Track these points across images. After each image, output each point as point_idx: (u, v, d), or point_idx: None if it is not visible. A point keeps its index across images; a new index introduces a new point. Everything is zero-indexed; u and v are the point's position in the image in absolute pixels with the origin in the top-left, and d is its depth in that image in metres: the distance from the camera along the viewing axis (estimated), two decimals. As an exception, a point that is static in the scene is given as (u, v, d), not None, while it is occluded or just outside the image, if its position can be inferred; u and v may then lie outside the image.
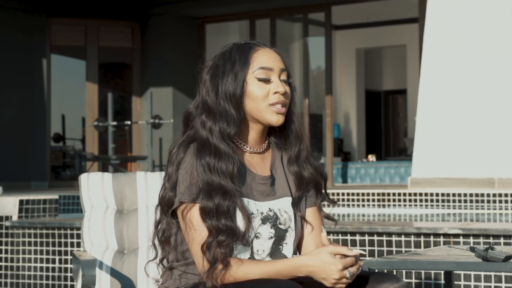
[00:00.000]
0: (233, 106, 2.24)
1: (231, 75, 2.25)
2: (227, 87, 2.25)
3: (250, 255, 2.25)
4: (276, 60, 2.29)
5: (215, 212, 2.16)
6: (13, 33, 11.11)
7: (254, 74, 2.26)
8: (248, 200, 2.26)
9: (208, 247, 2.15)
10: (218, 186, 2.17)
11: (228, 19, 12.52)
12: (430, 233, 4.01)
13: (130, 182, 2.87)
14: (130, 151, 12.46)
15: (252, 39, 2.35)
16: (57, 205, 5.34)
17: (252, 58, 2.26)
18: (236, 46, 2.31)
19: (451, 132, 7.36)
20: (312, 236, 2.35)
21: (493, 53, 7.34)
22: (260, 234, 2.26)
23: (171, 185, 2.23)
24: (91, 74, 12.09)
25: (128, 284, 2.76)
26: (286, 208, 2.31)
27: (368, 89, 17.05)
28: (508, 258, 2.41)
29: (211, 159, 2.19)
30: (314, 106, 13.01)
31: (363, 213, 6.84)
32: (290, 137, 2.34)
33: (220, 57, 2.29)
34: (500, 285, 3.84)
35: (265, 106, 2.26)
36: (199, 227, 2.18)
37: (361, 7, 13.30)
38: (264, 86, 2.26)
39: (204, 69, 2.32)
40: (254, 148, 2.33)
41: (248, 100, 2.26)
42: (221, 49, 2.34)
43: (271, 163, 2.35)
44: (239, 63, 2.26)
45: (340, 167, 13.23)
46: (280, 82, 2.28)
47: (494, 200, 6.40)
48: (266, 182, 2.31)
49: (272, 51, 2.30)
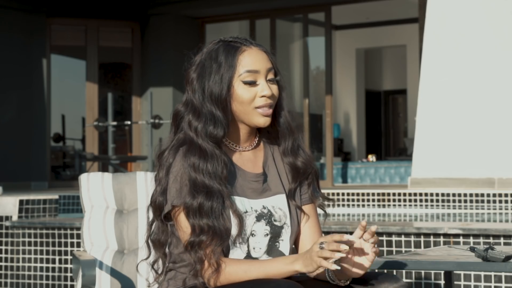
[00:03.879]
0: (219, 109, 2.23)
1: (217, 77, 2.24)
2: (213, 88, 2.24)
3: (246, 253, 2.25)
4: (262, 60, 2.27)
5: (198, 211, 2.16)
6: (13, 33, 11.11)
7: (241, 77, 2.24)
8: (241, 199, 2.26)
9: (191, 246, 2.16)
10: (202, 185, 2.17)
11: (228, 19, 12.52)
12: (430, 233, 4.01)
13: (130, 182, 2.87)
14: (130, 151, 12.46)
15: (238, 37, 2.31)
16: (57, 205, 5.34)
17: (238, 60, 2.24)
18: (222, 45, 2.28)
19: (451, 132, 7.36)
20: (309, 232, 2.35)
21: (493, 53, 7.34)
22: (256, 232, 2.26)
23: (162, 190, 2.23)
24: (91, 74, 12.09)
25: (128, 284, 2.76)
26: (281, 205, 2.31)
27: (368, 89, 17.05)
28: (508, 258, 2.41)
29: (197, 159, 2.19)
30: (314, 106, 13.01)
31: (363, 213, 6.84)
32: (282, 131, 2.33)
33: (207, 56, 2.28)
34: (500, 285, 3.84)
35: (252, 109, 2.25)
36: (185, 227, 2.20)
37: (361, 7, 13.30)
38: (250, 90, 2.25)
39: (191, 67, 2.32)
40: (244, 146, 2.33)
41: (234, 102, 2.25)
42: (208, 44, 2.32)
43: (263, 160, 2.35)
44: (225, 65, 2.24)
45: (340, 167, 13.23)
46: (267, 83, 2.26)
47: (494, 200, 6.40)
48: (259, 179, 2.31)
49: (258, 51, 2.27)
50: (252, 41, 2.30)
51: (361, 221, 2.13)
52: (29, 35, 11.28)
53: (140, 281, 2.76)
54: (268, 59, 2.28)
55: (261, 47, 2.29)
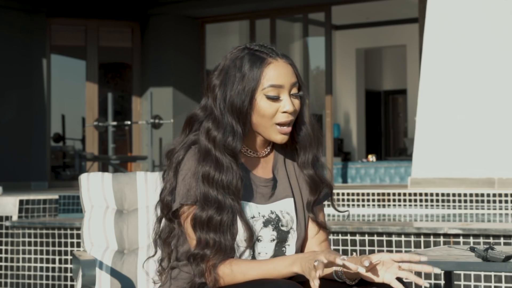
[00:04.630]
0: (240, 122, 2.18)
1: (240, 87, 2.18)
2: (234, 99, 2.18)
3: (251, 258, 2.23)
4: (287, 74, 2.21)
5: (206, 224, 2.13)
6: (13, 33, 11.12)
7: (264, 91, 2.19)
8: (250, 204, 2.24)
9: (193, 258, 2.14)
10: (214, 199, 2.14)
11: (228, 19, 12.52)
12: (430, 233, 4.01)
13: (130, 182, 2.87)
14: (130, 151, 12.47)
15: (264, 45, 2.25)
16: (57, 205, 5.34)
17: (263, 73, 2.18)
18: (248, 54, 2.22)
19: (451, 132, 7.36)
20: (316, 237, 2.34)
21: (494, 53, 7.34)
22: (262, 237, 2.24)
23: (170, 188, 2.21)
24: (91, 74, 12.09)
25: (128, 284, 2.76)
26: (288, 209, 2.29)
27: (368, 89, 17.06)
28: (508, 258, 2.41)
29: (212, 170, 2.16)
30: (314, 106, 13.01)
31: (363, 213, 6.84)
32: (303, 144, 2.29)
33: (231, 63, 2.21)
34: (500, 285, 3.84)
35: (271, 124, 2.21)
36: (192, 236, 2.19)
37: (361, 7, 13.30)
38: (272, 104, 2.20)
39: (214, 72, 2.25)
40: (257, 153, 2.30)
41: (255, 115, 2.20)
42: (232, 51, 2.26)
43: (273, 164, 2.32)
44: (249, 77, 2.18)
45: (340, 167, 13.23)
46: (290, 99, 2.21)
47: (494, 200, 6.40)
48: (268, 184, 2.28)
49: (284, 64, 2.22)
50: (279, 52, 2.24)
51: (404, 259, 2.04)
52: (29, 35, 11.28)
53: (140, 281, 2.76)
54: (293, 72, 2.23)
55: (287, 60, 2.24)
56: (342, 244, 4.23)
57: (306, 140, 2.29)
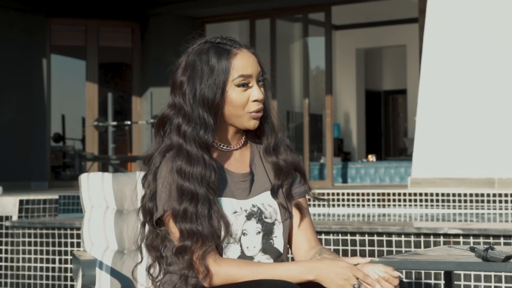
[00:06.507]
0: (211, 114, 2.21)
1: (210, 81, 2.21)
2: (205, 92, 2.21)
3: (240, 253, 2.25)
4: (253, 63, 2.25)
5: (182, 216, 2.15)
6: (13, 33, 11.12)
7: (234, 82, 2.22)
8: (231, 200, 2.26)
9: (178, 251, 2.16)
10: (188, 190, 2.16)
11: (228, 19, 12.52)
12: (430, 233, 4.01)
13: (130, 182, 2.87)
14: (130, 151, 12.46)
15: (224, 37, 2.29)
16: (57, 205, 5.34)
17: (232, 64, 2.22)
18: (212, 47, 2.25)
19: (451, 132, 7.36)
20: (301, 228, 2.35)
21: (494, 53, 7.34)
22: (247, 231, 2.26)
23: (151, 194, 2.23)
24: (91, 74, 12.09)
25: (128, 284, 2.76)
26: (270, 202, 2.31)
27: (368, 89, 17.06)
28: (508, 258, 2.41)
29: (184, 164, 2.18)
30: (314, 106, 13.01)
31: (363, 213, 6.84)
32: (266, 130, 2.33)
33: (196, 58, 2.25)
34: (500, 285, 3.84)
35: (244, 113, 2.25)
36: (174, 233, 2.20)
37: (361, 7, 13.30)
38: (243, 94, 2.23)
39: (178, 70, 2.28)
40: (230, 146, 2.32)
41: (227, 106, 2.23)
42: (194, 46, 2.29)
43: (250, 159, 2.34)
44: (218, 69, 2.21)
45: (340, 167, 13.23)
46: (258, 87, 2.26)
47: (494, 200, 6.40)
48: (246, 179, 2.31)
49: (249, 54, 2.26)
50: (241, 43, 2.28)
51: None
52: (29, 35, 11.29)
53: (140, 281, 2.76)
54: (257, 61, 2.28)
55: (250, 49, 2.28)
56: (342, 244, 4.23)
57: (268, 127, 2.34)
